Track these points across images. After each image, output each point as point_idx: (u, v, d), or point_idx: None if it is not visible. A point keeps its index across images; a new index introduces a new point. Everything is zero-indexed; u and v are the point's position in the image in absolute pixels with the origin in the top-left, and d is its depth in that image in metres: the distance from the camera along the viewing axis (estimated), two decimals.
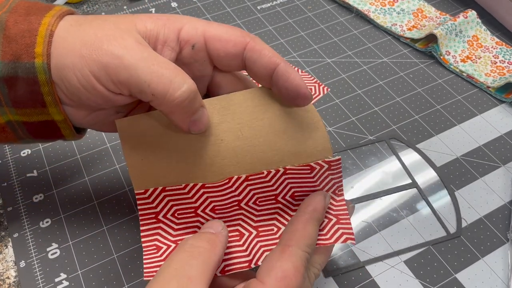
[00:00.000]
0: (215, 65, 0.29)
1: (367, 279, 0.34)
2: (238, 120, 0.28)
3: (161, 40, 0.26)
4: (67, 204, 0.37)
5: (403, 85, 0.48)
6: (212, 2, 0.56)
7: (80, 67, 0.24)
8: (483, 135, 0.44)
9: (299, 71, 0.48)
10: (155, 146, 0.27)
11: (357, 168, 0.41)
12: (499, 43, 0.52)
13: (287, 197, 0.29)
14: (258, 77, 0.28)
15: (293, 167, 0.28)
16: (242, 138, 0.27)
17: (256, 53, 0.27)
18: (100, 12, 0.54)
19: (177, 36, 0.27)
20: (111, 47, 0.24)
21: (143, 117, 0.27)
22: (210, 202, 0.28)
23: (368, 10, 0.55)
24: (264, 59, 0.27)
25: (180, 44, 0.27)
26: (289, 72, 0.27)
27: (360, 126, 0.44)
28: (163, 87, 0.23)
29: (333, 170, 0.30)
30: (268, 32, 0.53)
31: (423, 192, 0.39)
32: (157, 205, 0.27)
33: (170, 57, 0.27)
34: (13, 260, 0.34)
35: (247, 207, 0.29)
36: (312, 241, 0.26)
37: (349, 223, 0.29)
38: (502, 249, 0.36)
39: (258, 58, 0.27)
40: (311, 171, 0.29)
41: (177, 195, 0.27)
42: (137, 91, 0.24)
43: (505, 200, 0.39)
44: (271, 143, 0.28)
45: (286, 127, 0.28)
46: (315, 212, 0.27)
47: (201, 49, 0.27)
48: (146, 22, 0.26)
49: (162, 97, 0.24)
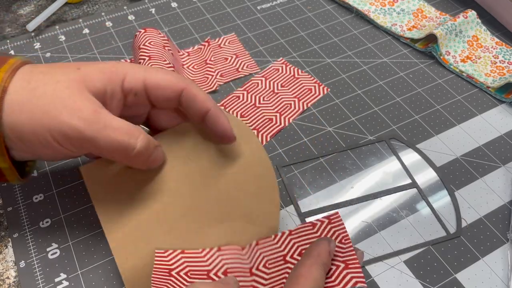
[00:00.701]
0: (155, 105, 0.31)
1: (367, 279, 0.34)
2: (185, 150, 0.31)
3: (108, 95, 0.29)
4: (67, 204, 0.37)
5: (403, 85, 0.48)
6: (212, 2, 0.56)
7: (42, 133, 0.27)
8: (483, 135, 0.44)
9: (299, 71, 0.48)
10: (120, 187, 0.30)
11: (357, 168, 0.41)
12: (499, 43, 0.52)
13: (295, 256, 0.31)
14: (192, 118, 0.31)
15: (297, 227, 0.31)
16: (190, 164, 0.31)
17: (191, 98, 0.30)
18: (100, 12, 0.54)
19: (121, 88, 0.29)
20: (71, 120, 0.26)
21: (104, 161, 0.30)
22: (223, 264, 0.29)
23: (368, 10, 0.55)
24: (198, 104, 0.30)
25: (124, 94, 0.30)
26: (218, 117, 0.30)
27: (360, 126, 0.44)
28: (121, 151, 0.27)
29: (334, 223, 0.32)
30: (268, 32, 0.53)
31: (423, 192, 0.39)
32: (172, 263, 0.29)
33: (118, 106, 0.29)
34: (13, 260, 0.34)
35: (257, 271, 0.30)
36: (317, 284, 0.27)
37: (359, 267, 0.30)
38: (502, 249, 0.36)
39: (193, 102, 0.30)
40: (313, 227, 0.32)
41: (192, 257, 0.29)
42: (98, 154, 0.28)
43: (505, 200, 0.39)
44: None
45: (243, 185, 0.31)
46: (319, 257, 0.29)
47: (142, 95, 0.30)
48: (94, 82, 0.28)
49: (122, 158, 0.28)
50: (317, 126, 0.44)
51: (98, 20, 0.53)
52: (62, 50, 0.50)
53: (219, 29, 0.53)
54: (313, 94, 0.46)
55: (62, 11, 0.55)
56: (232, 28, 0.53)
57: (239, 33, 0.52)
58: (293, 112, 0.44)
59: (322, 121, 0.44)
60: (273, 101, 0.45)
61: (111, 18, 0.54)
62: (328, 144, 0.42)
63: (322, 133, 0.43)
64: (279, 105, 0.44)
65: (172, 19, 0.54)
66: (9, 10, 0.55)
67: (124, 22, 0.53)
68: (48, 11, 0.51)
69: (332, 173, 0.40)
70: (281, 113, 0.44)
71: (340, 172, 0.40)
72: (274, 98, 0.45)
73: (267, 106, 0.44)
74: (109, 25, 0.53)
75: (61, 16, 0.55)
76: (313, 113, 0.45)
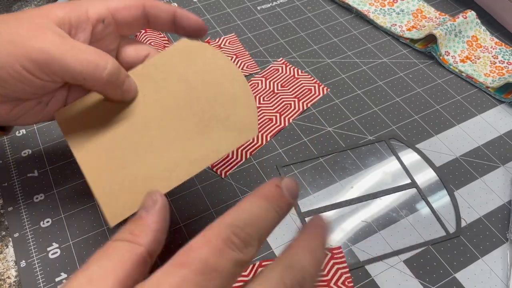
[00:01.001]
0: (123, 33, 0.32)
1: (366, 278, 0.34)
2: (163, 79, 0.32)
3: (74, 25, 0.29)
4: (67, 204, 0.37)
5: (402, 85, 0.48)
6: (212, 2, 0.56)
7: (10, 63, 0.26)
8: (482, 135, 0.44)
9: (299, 71, 0.48)
10: (96, 127, 0.30)
11: (357, 168, 0.41)
12: (499, 44, 0.52)
13: None
14: (162, 26, 0.32)
15: None
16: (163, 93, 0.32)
17: (155, 8, 0.31)
18: None
19: (87, 17, 0.29)
20: (38, 43, 0.26)
21: (78, 103, 0.31)
22: None
23: (367, 11, 0.55)
24: (163, 10, 0.31)
25: (92, 24, 0.30)
26: (186, 13, 0.32)
27: (360, 126, 0.44)
28: (92, 71, 0.27)
29: (337, 258, 0.32)
30: (268, 32, 0.53)
31: (423, 192, 0.39)
32: None
33: (85, 38, 0.30)
34: (14, 260, 0.34)
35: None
36: (245, 215, 0.21)
37: None
38: (502, 249, 0.36)
39: (158, 11, 0.31)
40: None
41: None
42: (69, 78, 0.28)
43: (505, 200, 0.39)
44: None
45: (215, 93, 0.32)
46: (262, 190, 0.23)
47: (111, 23, 0.31)
48: (56, 12, 0.28)
49: (93, 79, 0.28)
50: (317, 126, 0.44)
51: None
52: None
53: (219, 29, 0.53)
54: (313, 94, 0.46)
55: None
56: (232, 29, 0.53)
57: (239, 34, 0.52)
58: (293, 112, 0.44)
59: (322, 121, 0.44)
60: (273, 101, 0.45)
61: None
62: (328, 144, 0.42)
63: (322, 133, 0.43)
64: (279, 105, 0.45)
65: None
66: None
67: None
68: None
69: (332, 173, 0.40)
70: (281, 113, 0.44)
71: (340, 172, 0.40)
72: (274, 98, 0.45)
73: (267, 106, 0.44)
74: None
75: None
76: (313, 113, 0.45)
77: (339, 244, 0.36)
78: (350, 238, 0.36)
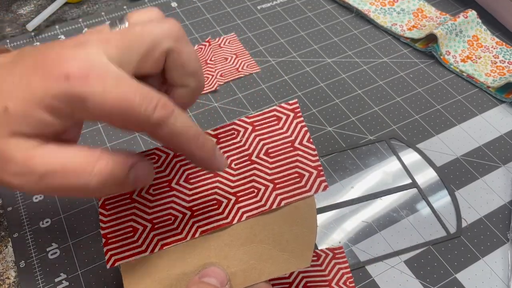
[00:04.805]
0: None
1: (367, 279, 0.34)
2: None
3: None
4: (67, 204, 0.37)
5: (403, 85, 0.48)
6: (212, 2, 0.56)
7: None
8: (483, 135, 0.44)
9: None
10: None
11: (357, 168, 0.40)
12: (499, 43, 0.52)
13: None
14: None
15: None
16: None
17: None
18: (100, 12, 0.54)
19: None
20: (4, 178, 0.21)
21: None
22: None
23: (368, 10, 0.55)
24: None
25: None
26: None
27: (360, 126, 0.44)
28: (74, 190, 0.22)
29: (338, 258, 0.32)
30: (268, 32, 0.53)
31: (423, 192, 0.39)
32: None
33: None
34: (13, 260, 0.34)
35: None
36: None
37: None
38: (502, 249, 0.36)
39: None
40: (318, 258, 0.32)
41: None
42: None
43: (505, 200, 0.39)
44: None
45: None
46: None
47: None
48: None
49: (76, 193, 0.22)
50: (317, 126, 0.44)
51: (98, 19, 0.53)
52: None
53: (219, 29, 0.52)
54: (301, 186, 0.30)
55: (62, 10, 0.55)
56: (232, 28, 0.53)
57: (239, 33, 0.52)
58: None
59: (322, 121, 0.44)
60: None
61: (111, 17, 0.54)
62: (328, 144, 0.42)
63: (322, 133, 0.43)
64: None
65: None
66: (9, 9, 0.55)
67: None
68: (48, 11, 0.51)
69: (332, 173, 0.40)
70: None
71: (340, 172, 0.40)
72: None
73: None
74: None
75: (61, 15, 0.54)
76: (313, 113, 0.45)
77: (340, 244, 0.35)
78: (350, 238, 0.36)
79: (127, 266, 0.26)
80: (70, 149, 0.21)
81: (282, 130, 0.29)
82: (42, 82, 0.20)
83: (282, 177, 0.28)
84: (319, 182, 0.28)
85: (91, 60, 0.20)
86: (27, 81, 0.20)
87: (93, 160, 0.21)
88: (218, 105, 0.45)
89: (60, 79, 0.20)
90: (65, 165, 0.20)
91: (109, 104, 0.20)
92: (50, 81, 0.20)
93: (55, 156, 0.21)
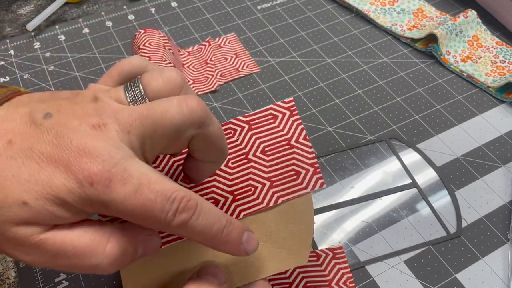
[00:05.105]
0: None
1: (367, 279, 0.34)
2: None
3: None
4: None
5: (403, 85, 0.48)
6: (212, 2, 0.56)
7: None
8: (483, 135, 0.44)
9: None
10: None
11: (357, 168, 0.40)
12: (499, 43, 0.52)
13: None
14: None
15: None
16: None
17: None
18: (100, 12, 0.54)
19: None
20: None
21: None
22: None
23: (368, 10, 0.55)
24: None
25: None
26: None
27: (360, 126, 0.44)
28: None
29: (338, 258, 0.32)
30: (268, 32, 0.53)
31: (423, 192, 0.39)
32: None
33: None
34: (13, 260, 0.34)
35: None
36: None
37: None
38: (502, 249, 0.36)
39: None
40: (318, 258, 0.32)
41: None
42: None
43: (505, 200, 0.39)
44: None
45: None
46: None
47: None
48: None
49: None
50: (317, 126, 0.43)
51: (98, 19, 0.53)
52: (62, 49, 0.50)
53: (219, 29, 0.52)
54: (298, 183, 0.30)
55: (62, 10, 0.55)
56: (232, 28, 0.53)
57: (239, 33, 0.52)
58: None
59: (322, 121, 0.44)
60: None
61: (111, 17, 0.54)
62: (328, 144, 0.42)
63: (322, 133, 0.43)
64: None
65: (172, 19, 0.54)
66: (9, 10, 0.55)
67: (124, 21, 0.53)
68: (48, 11, 0.51)
69: (332, 173, 0.40)
70: None
71: (340, 172, 0.40)
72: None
73: None
74: (109, 25, 0.53)
75: (61, 15, 0.54)
76: (313, 113, 0.45)
77: (340, 244, 0.35)
78: (350, 238, 0.36)
79: None
80: (81, 230, 0.21)
81: (279, 128, 0.29)
82: (64, 181, 0.19)
83: (278, 174, 0.28)
84: (315, 179, 0.27)
85: (114, 159, 0.20)
86: (48, 175, 0.19)
87: (104, 241, 0.21)
88: (218, 105, 0.45)
89: (84, 183, 0.19)
90: (76, 247, 0.20)
91: (130, 209, 0.20)
92: (73, 183, 0.19)
93: (66, 239, 0.20)
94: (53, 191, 0.19)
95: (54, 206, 0.20)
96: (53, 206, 0.19)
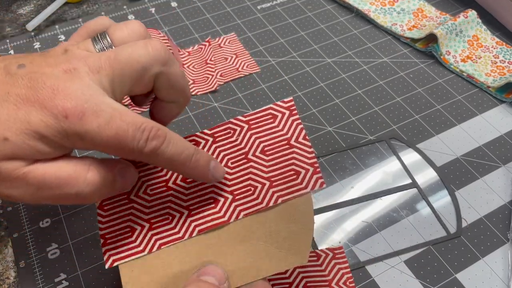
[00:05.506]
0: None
1: (367, 279, 0.34)
2: None
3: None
4: (66, 204, 0.37)
5: (403, 85, 0.48)
6: (212, 2, 0.56)
7: None
8: (483, 135, 0.44)
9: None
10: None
11: (357, 168, 0.40)
12: (500, 43, 0.52)
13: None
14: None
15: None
16: None
17: None
18: (100, 12, 0.54)
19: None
20: None
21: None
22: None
23: (368, 10, 0.55)
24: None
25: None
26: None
27: (360, 126, 0.44)
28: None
29: (338, 259, 0.32)
30: (268, 32, 0.52)
31: (423, 192, 0.39)
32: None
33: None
34: (13, 260, 0.34)
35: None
36: None
37: None
38: (502, 249, 0.36)
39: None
40: (318, 258, 0.32)
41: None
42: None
43: (505, 200, 0.39)
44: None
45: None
46: None
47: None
48: None
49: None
50: (317, 126, 0.43)
51: None
52: None
53: (219, 29, 0.52)
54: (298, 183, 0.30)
55: (61, 10, 0.55)
56: (232, 28, 0.53)
57: (239, 33, 0.52)
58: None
59: (322, 121, 0.44)
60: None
61: (111, 17, 0.54)
62: (328, 144, 0.42)
63: (322, 133, 0.43)
64: None
65: (172, 19, 0.54)
66: (9, 9, 0.55)
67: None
68: (47, 11, 0.51)
69: (332, 173, 0.40)
70: None
71: (340, 172, 0.40)
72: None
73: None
74: None
75: (61, 15, 0.54)
76: (313, 113, 0.45)
77: (340, 244, 0.35)
78: (350, 238, 0.36)
79: (125, 266, 0.26)
80: (62, 162, 0.23)
81: (278, 128, 0.29)
82: (41, 117, 0.21)
83: (278, 174, 0.28)
84: (315, 179, 0.27)
85: (86, 96, 0.22)
86: (25, 113, 0.21)
87: (84, 170, 0.23)
88: (218, 105, 0.45)
89: (59, 117, 0.21)
90: (58, 177, 0.22)
91: (104, 140, 0.22)
92: (49, 118, 0.21)
93: (49, 170, 0.22)
94: (32, 127, 0.21)
95: (34, 141, 0.21)
96: (33, 140, 0.21)
